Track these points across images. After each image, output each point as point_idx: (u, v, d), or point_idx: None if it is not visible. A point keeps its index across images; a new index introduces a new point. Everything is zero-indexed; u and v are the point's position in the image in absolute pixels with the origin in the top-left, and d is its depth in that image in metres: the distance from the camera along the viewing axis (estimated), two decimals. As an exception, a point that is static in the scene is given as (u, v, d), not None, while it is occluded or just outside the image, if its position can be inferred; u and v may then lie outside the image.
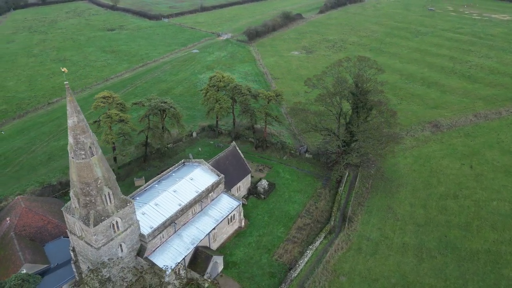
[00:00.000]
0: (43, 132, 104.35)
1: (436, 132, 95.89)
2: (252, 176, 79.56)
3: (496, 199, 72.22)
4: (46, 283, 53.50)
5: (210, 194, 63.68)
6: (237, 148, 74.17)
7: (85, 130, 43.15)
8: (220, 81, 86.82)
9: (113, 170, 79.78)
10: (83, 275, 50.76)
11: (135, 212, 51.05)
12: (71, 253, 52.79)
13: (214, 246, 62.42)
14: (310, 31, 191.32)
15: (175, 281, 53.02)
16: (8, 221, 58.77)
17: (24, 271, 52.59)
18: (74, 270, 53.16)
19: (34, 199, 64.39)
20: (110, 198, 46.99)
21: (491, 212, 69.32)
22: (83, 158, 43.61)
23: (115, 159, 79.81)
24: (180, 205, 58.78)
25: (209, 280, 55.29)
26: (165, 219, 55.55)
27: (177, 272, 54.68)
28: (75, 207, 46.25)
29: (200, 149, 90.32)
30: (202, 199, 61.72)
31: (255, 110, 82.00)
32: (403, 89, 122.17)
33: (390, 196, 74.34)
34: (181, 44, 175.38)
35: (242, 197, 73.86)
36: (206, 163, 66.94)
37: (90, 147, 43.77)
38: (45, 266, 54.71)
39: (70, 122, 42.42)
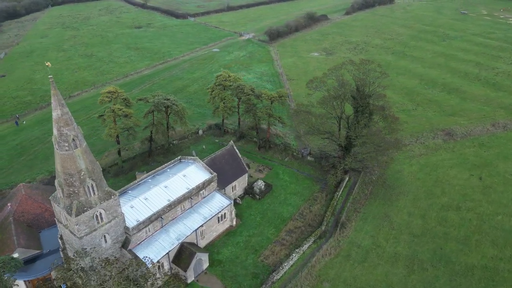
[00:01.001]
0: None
1: (448, 141, 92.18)
2: (250, 176, 79.81)
3: (502, 214, 68.62)
4: (37, 267, 56.10)
5: (202, 192, 64.41)
6: (235, 147, 74.53)
7: (69, 123, 44.81)
8: (226, 80, 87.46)
9: (116, 163, 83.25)
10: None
11: (119, 204, 52.58)
12: (59, 241, 55.04)
13: (203, 243, 63.09)
14: (333, 32, 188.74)
15: (158, 275, 54.21)
16: (9, 207, 61.95)
17: (17, 255, 55.37)
18: (62, 257, 55.30)
19: (36, 187, 67.47)
20: (93, 190, 48.61)
21: (494, 226, 65.97)
22: (66, 150, 45.36)
23: (119, 152, 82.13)
24: (169, 200, 59.89)
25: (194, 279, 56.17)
26: (151, 213, 56.78)
27: (160, 267, 55.81)
28: (60, 196, 48.20)
29: (204, 147, 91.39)
30: (192, 196, 62.55)
31: (257, 110, 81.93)
32: (421, 95, 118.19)
33: (389, 204, 72.30)
34: (202, 43, 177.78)
35: (238, 197, 74.31)
36: (201, 160, 67.74)
37: (73, 139, 45.41)
38: (38, 251, 57.23)
39: (54, 114, 44.17)
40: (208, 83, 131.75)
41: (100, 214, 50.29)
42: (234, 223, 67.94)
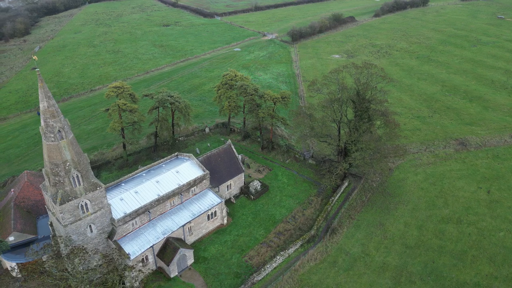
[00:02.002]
0: (78, 116, 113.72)
1: (460, 151, 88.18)
2: (249, 176, 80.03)
3: (505, 230, 64.92)
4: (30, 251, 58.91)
5: (193, 189, 65.31)
6: (232, 147, 74.93)
7: (55, 115, 46.82)
8: (232, 79, 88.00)
9: (121, 157, 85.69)
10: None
11: (105, 196, 54.29)
12: (50, 228, 57.60)
13: (191, 239, 63.96)
14: (358, 34, 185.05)
15: (141, 268, 55.66)
16: (12, 192, 65.54)
17: (12, 238, 58.58)
18: (52, 243, 57.79)
19: (39, 174, 70.82)
20: (78, 181, 50.55)
21: (494, 243, 62.54)
22: (52, 141, 47.45)
23: (124, 146, 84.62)
24: (158, 195, 61.16)
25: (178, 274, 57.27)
26: (139, 206, 58.24)
27: (144, 259, 57.17)
28: (47, 185, 50.47)
29: (209, 144, 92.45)
30: (182, 192, 63.55)
31: (259, 111, 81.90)
32: (439, 101, 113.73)
33: (386, 213, 70.21)
34: (225, 42, 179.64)
35: (233, 196, 74.70)
36: (195, 158, 68.66)
37: (59, 130, 47.44)
38: (33, 236, 60.17)
39: (41, 106, 46.31)
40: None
41: (86, 204, 52.19)
42: (225, 221, 68.33)
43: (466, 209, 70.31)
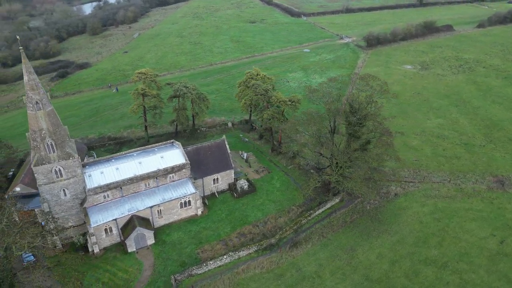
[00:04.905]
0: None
1: (494, 189, 74.73)
2: (245, 175, 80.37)
3: (495, 289, 54.04)
4: (34, 202, 69.04)
5: (171, 175, 68.80)
6: (226, 143, 76.20)
7: (34, 88, 54.56)
8: (253, 78, 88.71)
9: (143, 138, 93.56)
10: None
11: (79, 166, 61.18)
12: (40, 186, 66.97)
13: (161, 222, 67.63)
14: (446, 45, 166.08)
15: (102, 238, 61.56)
16: (35, 152, 77.47)
17: (18, 189, 69.73)
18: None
19: None
20: (53, 148, 58.04)
21: (472, 300, 52.73)
22: (31, 110, 55.48)
23: (146, 128, 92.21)
24: (134, 174, 66.19)
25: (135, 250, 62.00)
26: (111, 181, 63.99)
27: (108, 230, 62.79)
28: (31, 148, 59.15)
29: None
30: (158, 177, 67.52)
31: (264, 112, 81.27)
32: (503, 130, 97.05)
33: (364, 239, 64.11)
34: (298, 42, 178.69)
35: (220, 191, 76.10)
36: (181, 146, 71.97)
37: (37, 102, 55.15)
38: (35, 191, 70.52)
39: (24, 79, 54.38)
40: (276, 81, 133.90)
41: (60, 170, 59.62)
42: (200, 212, 70.34)
43: (461, 255, 60.14)
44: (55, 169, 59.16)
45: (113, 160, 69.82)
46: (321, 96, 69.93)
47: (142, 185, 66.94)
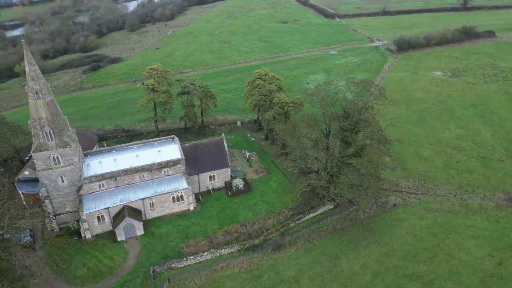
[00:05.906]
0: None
1: (503, 207, 69.67)
2: (244, 174, 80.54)
3: (480, 313, 50.52)
4: (36, 187, 73.14)
5: (165, 169, 70.45)
6: (224, 141, 76.67)
7: (35, 79, 57.94)
8: (261, 77, 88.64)
9: (153, 132, 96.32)
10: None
11: (76, 154, 64.21)
12: (44, 171, 70.85)
13: (153, 214, 69.49)
14: (484, 52, 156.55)
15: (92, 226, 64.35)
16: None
17: (27, 173, 74.22)
18: (45, 184, 71.12)
19: (80, 132, 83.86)
20: (51, 136, 61.36)
21: (451, 322, 49.65)
22: (31, 99, 58.98)
23: (155, 122, 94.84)
24: (130, 166, 68.47)
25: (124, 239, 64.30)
26: (106, 171, 66.60)
27: (100, 218, 65.45)
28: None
29: (232, 137, 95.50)
30: (152, 170, 69.37)
31: (265, 113, 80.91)
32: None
33: (351, 248, 62.24)
34: (326, 44, 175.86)
35: (216, 188, 76.80)
36: (178, 142, 73.41)
37: (37, 92, 58.53)
38: (42, 175, 74.86)
39: (26, 69, 57.87)
40: (295, 83, 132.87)
41: (57, 157, 62.92)
42: (192, 208, 71.44)
43: (451, 273, 56.79)
44: (53, 156, 62.49)
45: (114, 151, 72.57)
46: (320, 99, 68.51)
47: (136, 177, 69.07)
